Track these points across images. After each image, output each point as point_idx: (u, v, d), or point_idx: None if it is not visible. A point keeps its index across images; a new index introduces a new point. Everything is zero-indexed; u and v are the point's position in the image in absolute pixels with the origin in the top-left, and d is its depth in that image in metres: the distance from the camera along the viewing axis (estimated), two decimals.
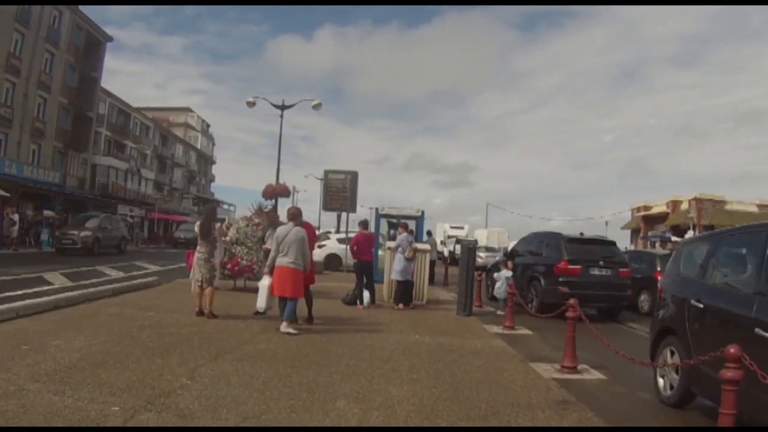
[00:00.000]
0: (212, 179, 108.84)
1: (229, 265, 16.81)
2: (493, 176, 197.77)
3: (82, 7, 54.91)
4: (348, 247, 19.28)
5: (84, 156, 59.13)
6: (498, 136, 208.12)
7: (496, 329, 13.43)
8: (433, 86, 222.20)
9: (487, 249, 45.53)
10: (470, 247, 15.99)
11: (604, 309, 17.54)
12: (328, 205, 31.10)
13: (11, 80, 45.72)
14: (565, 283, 16.30)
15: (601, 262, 16.99)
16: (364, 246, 16.03)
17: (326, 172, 31.16)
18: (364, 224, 16.81)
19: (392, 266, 16.42)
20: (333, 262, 30.48)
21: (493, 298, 18.12)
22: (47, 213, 45.10)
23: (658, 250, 32.46)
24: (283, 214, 14.43)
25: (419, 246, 17.41)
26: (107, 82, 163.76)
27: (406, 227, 17.00)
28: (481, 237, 53.92)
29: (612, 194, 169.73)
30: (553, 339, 12.30)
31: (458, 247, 44.93)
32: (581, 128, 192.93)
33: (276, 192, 36.91)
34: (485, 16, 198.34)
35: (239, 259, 17.12)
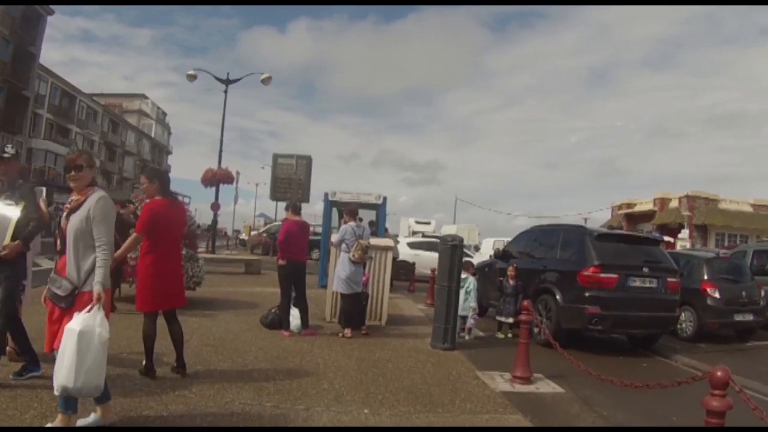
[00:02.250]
0: (168, 170, 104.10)
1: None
2: (462, 174, 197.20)
3: None
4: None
5: (18, 139, 53.30)
6: (467, 134, 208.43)
7: (502, 384, 8.41)
8: (405, 83, 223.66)
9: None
10: (454, 245, 10.66)
11: (639, 335, 12.56)
12: (276, 193, 26.51)
13: None
14: (595, 299, 11.25)
15: (645, 269, 11.80)
16: (298, 240, 11.04)
17: (275, 156, 26.88)
18: (293, 207, 11.50)
19: (335, 272, 11.42)
20: (403, 272, 23.60)
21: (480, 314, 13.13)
22: None
23: (700, 251, 27.08)
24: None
25: (374, 242, 12.18)
26: (75, 73, 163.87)
27: (352, 214, 11.69)
28: (450, 233, 48.55)
29: (583, 193, 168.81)
30: (604, 402, 7.99)
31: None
32: (551, 128, 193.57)
33: (217, 177, 32.67)
34: (461, 14, 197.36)
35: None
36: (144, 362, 7.02)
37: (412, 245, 27.29)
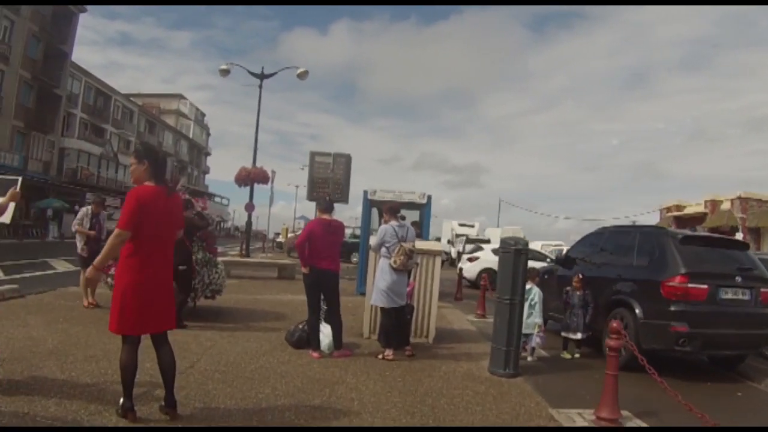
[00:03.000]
0: (206, 171, 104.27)
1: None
2: (502, 177, 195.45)
3: None
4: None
5: (50, 138, 52.54)
6: (505, 136, 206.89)
7: (583, 422, 6.63)
8: (444, 85, 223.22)
9: None
10: (518, 250, 8.68)
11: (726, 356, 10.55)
12: (313, 193, 24.77)
13: None
14: (682, 314, 9.30)
15: (737, 278, 9.78)
16: (321, 242, 9.10)
17: (312, 154, 24.96)
18: (322, 205, 9.53)
19: (374, 280, 9.61)
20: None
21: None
22: None
23: None
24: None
25: (420, 245, 10.24)
26: (113, 76, 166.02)
27: (393, 212, 9.64)
28: (494, 236, 47.14)
29: (623, 196, 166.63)
30: None
31: (469, 248, 39.24)
32: (589, 130, 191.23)
33: (251, 176, 31.16)
34: (501, 14, 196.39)
35: None
36: (121, 400, 5.35)
37: (497, 252, 25.63)
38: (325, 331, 9.05)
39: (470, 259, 25.03)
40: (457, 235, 45.42)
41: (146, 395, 5.95)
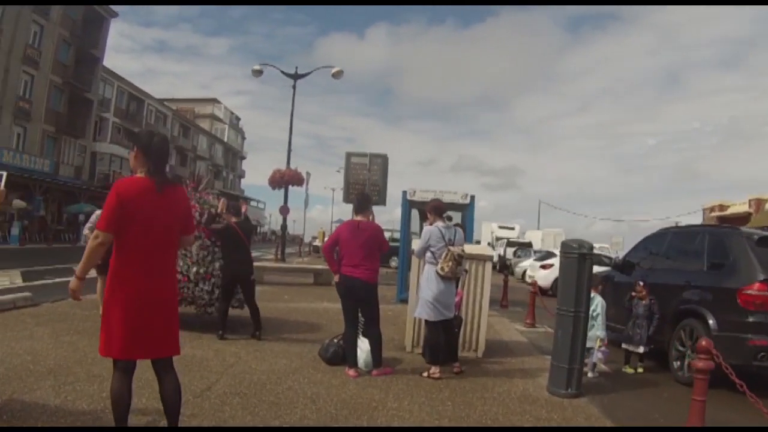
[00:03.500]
0: (242, 175, 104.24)
1: None
2: (539, 179, 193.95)
3: None
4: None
5: (82, 142, 52.27)
6: (542, 139, 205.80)
7: None
8: (481, 87, 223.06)
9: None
10: (582, 255, 7.57)
11: None
12: (349, 195, 23.85)
13: None
14: (761, 326, 8.21)
15: None
16: (350, 247, 7.99)
17: (348, 155, 24.07)
18: (359, 203, 8.40)
19: (417, 290, 8.51)
20: None
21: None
22: (17, 203, 37.83)
23: None
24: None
25: (468, 249, 9.13)
26: (150, 82, 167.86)
27: (438, 211, 8.49)
28: (535, 239, 46.84)
29: (660, 197, 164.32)
30: None
31: (510, 251, 38.09)
32: (626, 132, 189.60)
33: (285, 178, 30.37)
34: (537, 16, 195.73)
35: None
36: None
37: None
38: (363, 346, 8.02)
39: (543, 267, 23.90)
40: (498, 238, 44.33)
41: (153, 423, 5.08)
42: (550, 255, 25.60)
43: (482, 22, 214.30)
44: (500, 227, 49.19)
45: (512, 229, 49.68)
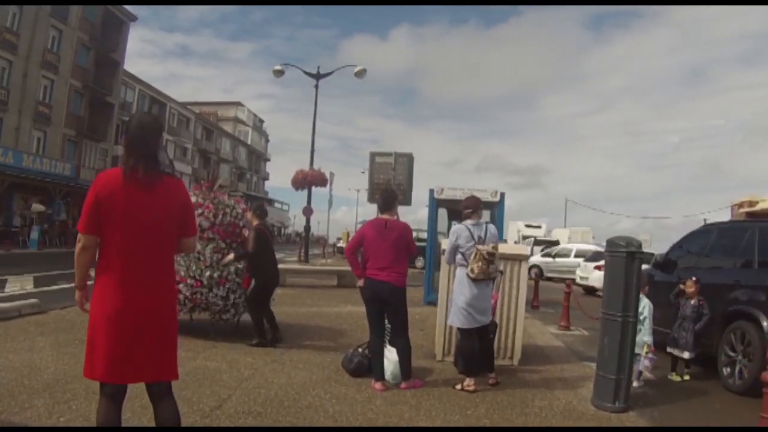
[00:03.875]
0: (266, 177, 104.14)
1: None
2: (563, 178, 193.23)
3: None
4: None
5: (103, 146, 51.89)
6: (566, 138, 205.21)
7: None
8: (505, 87, 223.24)
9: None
10: (631, 253, 6.83)
11: None
12: (374, 195, 23.29)
13: (6, 57, 39.16)
14: None
15: None
16: (376, 248, 7.24)
17: (372, 155, 23.95)
18: (386, 200, 7.57)
19: (450, 295, 7.81)
20: None
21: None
22: (36, 207, 37.53)
23: None
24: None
25: (503, 248, 8.28)
26: (173, 87, 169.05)
27: (474, 208, 7.64)
28: (562, 237, 46.07)
29: (685, 195, 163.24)
30: None
31: (537, 250, 37.29)
32: (649, 130, 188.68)
33: (308, 179, 29.87)
34: (560, 15, 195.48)
35: None
36: None
37: None
38: (390, 356, 7.29)
39: (598, 267, 22.97)
40: (524, 237, 43.53)
41: None
42: (602, 255, 24.78)
43: (505, 22, 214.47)
44: (527, 226, 48.30)
45: (539, 227, 48.83)
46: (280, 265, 10.53)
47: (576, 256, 30.32)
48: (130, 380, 3.72)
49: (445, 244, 8.20)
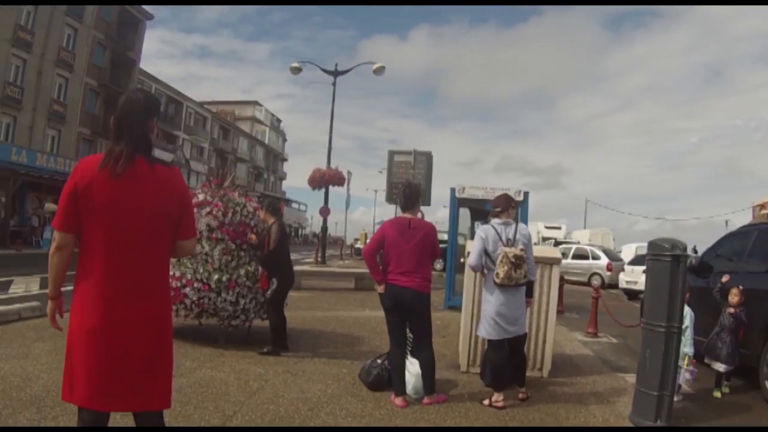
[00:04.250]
0: (283, 177, 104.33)
1: None
2: (582, 178, 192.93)
3: None
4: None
5: None
6: (585, 138, 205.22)
7: None
8: (524, 87, 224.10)
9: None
10: (676, 256, 6.18)
11: None
12: (393, 195, 22.87)
13: (20, 56, 38.87)
14: None
15: None
16: (398, 250, 6.54)
17: (390, 153, 23.55)
18: (409, 197, 6.82)
19: (474, 298, 7.34)
20: None
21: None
22: (49, 207, 37.13)
23: None
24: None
25: (540, 251, 7.92)
26: (192, 88, 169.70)
27: (502, 205, 7.04)
28: (582, 238, 45.10)
29: (705, 195, 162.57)
30: None
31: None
32: (668, 129, 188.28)
33: (325, 178, 29.41)
34: (580, 15, 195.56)
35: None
36: None
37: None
38: (412, 369, 6.67)
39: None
40: (544, 238, 42.84)
41: None
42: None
43: (525, 22, 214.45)
44: (546, 227, 47.69)
45: (559, 228, 48.24)
46: (295, 267, 10.02)
47: (574, 257, 29.95)
48: (115, 408, 3.17)
49: (469, 245, 7.61)
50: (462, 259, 14.85)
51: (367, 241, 48.15)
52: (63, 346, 7.23)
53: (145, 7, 52.68)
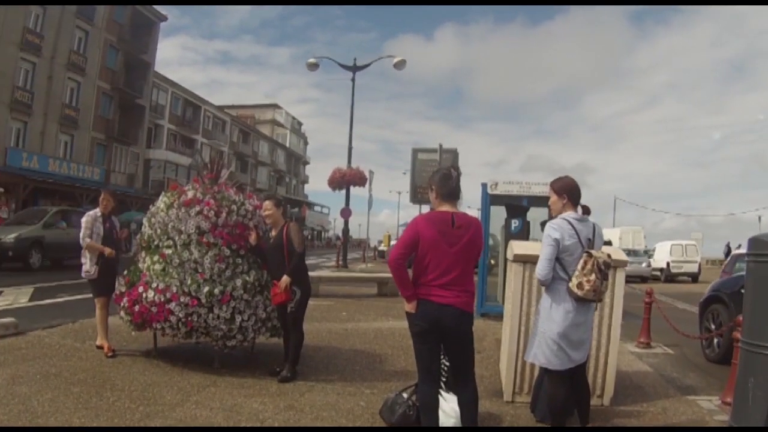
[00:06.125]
0: (305, 180, 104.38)
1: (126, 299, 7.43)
2: (608, 177, 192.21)
3: None
4: None
5: (134, 149, 50.85)
6: (610, 136, 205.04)
7: None
8: (550, 86, 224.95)
9: (631, 253, 33.94)
10: None
11: None
12: (417, 195, 22.43)
13: (29, 60, 38.10)
14: None
15: None
16: (437, 255, 4.54)
17: (414, 152, 22.62)
18: (447, 187, 4.74)
19: (536, 320, 5.32)
20: None
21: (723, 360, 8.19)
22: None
23: None
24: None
25: (611, 252, 5.99)
26: (216, 93, 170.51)
27: (567, 191, 5.35)
28: (613, 237, 43.69)
29: (731, 191, 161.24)
30: None
31: None
32: (692, 126, 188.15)
33: (346, 178, 28.45)
34: (605, 12, 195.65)
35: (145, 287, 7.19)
36: None
37: None
38: (447, 408, 5.16)
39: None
40: None
41: None
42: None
43: (551, 20, 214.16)
44: None
45: None
46: (314, 273, 8.65)
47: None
48: None
49: (515, 247, 6.18)
50: (492, 261, 13.53)
51: (391, 242, 46.15)
52: (24, 374, 5.85)
53: (158, 7, 51.86)
